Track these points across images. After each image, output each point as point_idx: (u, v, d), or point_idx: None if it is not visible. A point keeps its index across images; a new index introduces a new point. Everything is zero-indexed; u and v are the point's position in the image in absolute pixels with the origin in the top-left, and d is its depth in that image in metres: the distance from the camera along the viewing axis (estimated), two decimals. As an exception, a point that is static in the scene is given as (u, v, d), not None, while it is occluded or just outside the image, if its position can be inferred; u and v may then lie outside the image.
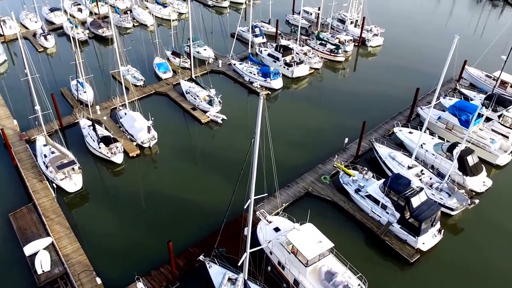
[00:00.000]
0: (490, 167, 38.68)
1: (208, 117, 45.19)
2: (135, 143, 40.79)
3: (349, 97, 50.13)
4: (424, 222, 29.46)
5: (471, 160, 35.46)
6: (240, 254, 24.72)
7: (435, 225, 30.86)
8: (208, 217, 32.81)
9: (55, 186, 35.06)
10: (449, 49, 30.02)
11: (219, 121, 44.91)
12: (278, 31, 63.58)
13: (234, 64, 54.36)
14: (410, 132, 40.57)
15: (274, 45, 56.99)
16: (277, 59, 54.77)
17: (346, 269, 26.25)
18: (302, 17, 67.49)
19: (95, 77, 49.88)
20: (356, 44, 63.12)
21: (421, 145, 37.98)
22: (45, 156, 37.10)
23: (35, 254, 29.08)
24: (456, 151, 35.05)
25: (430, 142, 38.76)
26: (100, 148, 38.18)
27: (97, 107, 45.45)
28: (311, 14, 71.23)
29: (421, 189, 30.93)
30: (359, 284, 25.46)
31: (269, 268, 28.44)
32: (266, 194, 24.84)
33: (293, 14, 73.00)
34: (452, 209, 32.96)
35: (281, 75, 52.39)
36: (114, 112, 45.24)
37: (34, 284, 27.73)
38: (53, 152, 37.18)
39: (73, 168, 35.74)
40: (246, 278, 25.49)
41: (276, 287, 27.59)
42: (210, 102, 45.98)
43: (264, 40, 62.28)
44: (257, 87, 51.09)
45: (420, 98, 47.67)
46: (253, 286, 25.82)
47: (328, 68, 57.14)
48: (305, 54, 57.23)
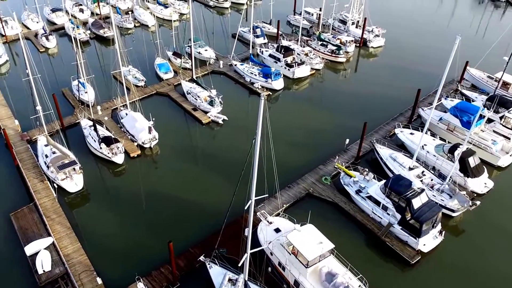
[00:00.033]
0: (492, 169, 38.61)
1: (209, 118, 45.20)
2: (136, 144, 40.82)
3: (350, 98, 50.08)
4: (425, 224, 29.39)
5: (473, 162, 35.40)
6: (241, 255, 24.72)
7: (436, 227, 30.78)
8: (209, 218, 32.82)
9: (56, 186, 35.12)
10: (451, 50, 29.99)
11: (220, 122, 44.92)
12: (279, 32, 63.57)
13: (235, 65, 54.36)
14: (411, 133, 40.51)
15: (275, 46, 56.93)
16: (278, 60, 54.76)
17: (347, 270, 26.21)
18: (304, 18, 67.56)
19: (96, 78, 49.91)
20: (358, 45, 63.08)
21: (422, 146, 37.91)
22: (46, 156, 37.16)
23: (36, 254, 29.13)
24: (458, 153, 34.98)
25: (431, 143, 38.69)
26: (101, 149, 38.23)
27: (98, 108, 45.52)
28: (313, 15, 71.20)
29: (422, 191, 30.87)
30: (360, 285, 25.41)
31: (270, 269, 28.41)
32: (267, 195, 24.84)
33: (295, 15, 72.96)
34: (453, 211, 32.88)
35: (282, 76, 52.37)
36: (115, 113, 45.30)
37: (35, 284, 27.78)
38: (54, 152, 37.26)
39: (74, 168, 35.79)
40: (247, 279, 25.47)
41: (277, 288, 27.60)
42: (211, 103, 46.00)
43: (265, 41, 62.30)
44: (258, 88, 51.09)
45: (422, 99, 47.61)
46: (254, 287, 25.80)
47: (329, 69, 57.10)
48: (306, 55, 57.21)
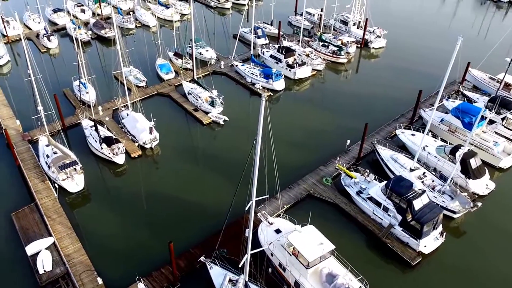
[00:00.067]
0: (493, 170, 38.50)
1: (210, 118, 45.20)
2: (137, 144, 40.83)
3: (351, 99, 50.03)
4: (426, 225, 29.32)
5: (474, 163, 35.32)
6: (241, 256, 24.71)
7: (437, 228, 30.71)
8: (209, 218, 32.81)
9: (57, 186, 35.16)
10: (453, 51, 29.94)
11: (221, 122, 44.91)
12: (281, 33, 63.57)
13: (236, 65, 54.36)
14: (413, 134, 40.43)
15: (277, 47, 56.90)
16: (279, 61, 54.74)
17: (347, 272, 26.16)
18: (305, 19, 67.56)
19: (98, 78, 49.95)
20: (359, 46, 63.02)
21: (424, 148, 37.84)
22: (48, 156, 37.20)
23: (37, 254, 29.17)
24: (459, 154, 34.88)
25: (433, 145, 38.62)
26: (102, 149, 38.26)
27: (99, 108, 45.57)
28: (314, 16, 71.19)
29: (423, 192, 30.80)
30: (360, 287, 25.35)
31: (270, 270, 28.38)
32: (268, 196, 24.83)
33: (296, 16, 72.97)
34: (455, 212, 32.81)
35: (283, 77, 52.35)
36: (116, 113, 45.35)
37: (36, 284, 27.81)
38: (56, 153, 37.29)
39: (75, 169, 35.83)
40: (247, 280, 25.43)
41: (277, 289, 27.56)
42: (212, 103, 46.01)
43: (267, 42, 62.30)
44: (259, 89, 51.07)
45: (423, 100, 47.52)
46: (254, 288, 25.81)
47: (331, 70, 57.06)
48: (308, 56, 57.20)
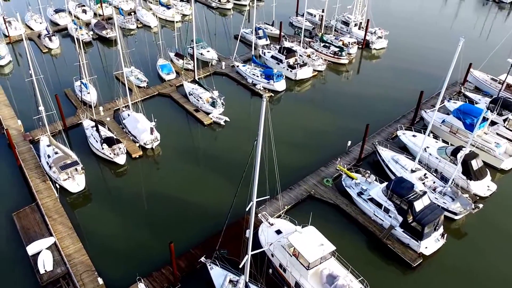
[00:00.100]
0: (495, 172, 38.40)
1: (211, 119, 45.22)
2: (138, 144, 40.86)
3: (353, 100, 49.98)
4: (427, 226, 29.27)
5: (476, 164, 35.21)
6: (242, 256, 24.67)
7: (438, 229, 30.64)
8: (210, 219, 32.80)
9: (58, 187, 35.21)
10: (454, 52, 29.86)
11: (222, 123, 44.91)
12: (282, 33, 63.57)
13: (237, 66, 54.38)
14: (414, 136, 40.36)
15: (278, 47, 56.90)
16: (281, 61, 54.74)
17: (348, 273, 26.11)
18: (306, 19, 67.55)
19: (99, 78, 50.06)
20: (360, 47, 62.97)
21: (425, 149, 37.78)
22: (49, 157, 37.26)
23: (38, 254, 29.21)
24: (460, 155, 34.81)
25: (434, 146, 38.54)
26: (103, 149, 38.30)
27: (101, 108, 45.63)
28: (315, 16, 71.17)
29: (424, 193, 30.75)
30: (361, 288, 25.37)
31: (271, 271, 28.36)
32: (268, 197, 24.83)
33: (297, 16, 73.00)
34: (456, 214, 32.73)
35: (284, 77, 52.34)
36: (117, 113, 45.40)
37: (37, 284, 27.84)
38: (57, 153, 37.33)
39: (76, 169, 35.88)
40: (247, 280, 25.42)
41: (278, 290, 27.53)
42: (213, 104, 46.02)
43: (268, 42, 62.29)
44: (260, 89, 51.06)
45: (424, 101, 47.45)
46: (254, 289, 25.77)
47: (332, 71, 57.04)
48: (309, 56, 57.18)
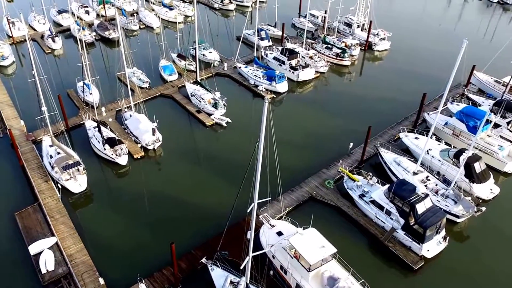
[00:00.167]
0: (498, 174, 38.23)
1: (213, 120, 45.23)
2: (140, 145, 40.90)
3: (355, 102, 49.89)
4: (429, 229, 29.13)
5: (478, 167, 35.06)
6: (243, 258, 24.62)
7: (440, 232, 30.49)
8: (211, 220, 32.77)
9: (60, 187, 35.26)
10: (458, 54, 29.72)
11: (224, 124, 44.91)
12: (284, 35, 63.56)
13: (240, 67, 54.39)
14: (416, 138, 40.22)
15: (280, 49, 56.89)
16: (283, 63, 54.72)
17: (349, 275, 26.04)
18: (309, 21, 67.46)
19: (101, 79, 50.20)
20: (363, 48, 62.91)
21: (427, 151, 37.65)
22: (51, 157, 37.34)
23: (40, 254, 29.24)
24: (463, 158, 34.68)
25: (437, 148, 38.40)
26: (105, 150, 38.37)
27: (103, 109, 45.73)
28: (318, 18, 71.18)
29: (426, 196, 30.62)
30: (362, 291, 25.28)
31: (272, 272, 28.30)
32: (270, 198, 24.76)
33: (300, 18, 73.02)
34: (458, 216, 32.58)
35: (287, 79, 52.31)
36: (119, 114, 45.47)
37: (38, 283, 27.88)
38: (59, 153, 37.39)
39: (78, 169, 35.94)
40: (248, 282, 25.37)
41: (278, 292, 27.46)
42: (215, 105, 46.04)
43: (270, 44, 62.28)
44: (262, 91, 51.05)
45: (427, 103, 47.31)
46: (255, 290, 25.72)
47: (334, 72, 56.97)
48: (311, 58, 57.15)
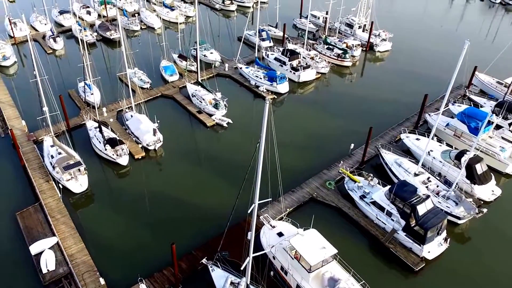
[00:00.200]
0: (500, 176, 38.12)
1: (214, 121, 45.23)
2: (141, 146, 40.91)
3: (356, 103, 49.85)
4: (430, 230, 29.06)
5: (480, 168, 34.99)
6: (243, 258, 24.60)
7: (441, 234, 30.42)
8: (212, 221, 32.76)
9: (61, 187, 35.31)
10: (459, 55, 29.67)
11: (225, 125, 44.91)
12: (285, 35, 63.57)
13: (241, 68, 54.40)
14: (418, 139, 40.16)
15: (281, 49, 56.87)
16: (284, 63, 54.71)
17: (350, 276, 26.00)
18: (310, 21, 67.50)
19: (102, 79, 50.25)
20: (364, 49, 62.85)
21: (429, 152, 37.57)
22: (52, 157, 37.39)
23: (41, 254, 29.28)
24: (464, 159, 34.60)
25: (438, 149, 38.33)
26: (106, 150, 38.40)
27: (104, 109, 45.78)
28: (319, 18, 71.17)
29: (428, 197, 30.56)
30: (363, 292, 25.24)
31: (272, 273, 28.27)
32: (270, 199, 24.72)
33: (301, 18, 72.99)
34: (459, 218, 32.49)
35: (288, 80, 52.29)
36: (121, 114, 45.51)
37: (39, 283, 27.90)
38: (60, 153, 37.45)
39: (79, 169, 35.98)
40: (249, 283, 25.35)
41: (279, 293, 27.43)
42: (216, 106, 46.04)
43: (271, 44, 62.29)
44: (263, 91, 51.05)
45: (428, 104, 47.24)
46: (256, 291, 25.70)
47: (335, 73, 56.94)
48: (312, 59, 57.13)
